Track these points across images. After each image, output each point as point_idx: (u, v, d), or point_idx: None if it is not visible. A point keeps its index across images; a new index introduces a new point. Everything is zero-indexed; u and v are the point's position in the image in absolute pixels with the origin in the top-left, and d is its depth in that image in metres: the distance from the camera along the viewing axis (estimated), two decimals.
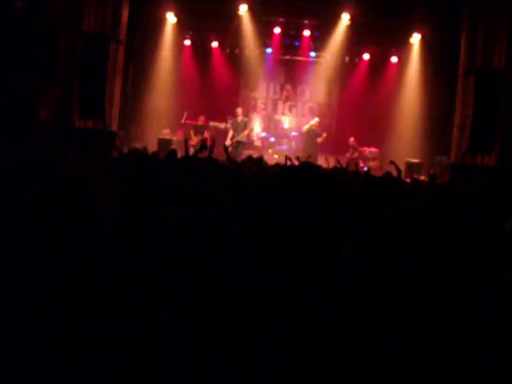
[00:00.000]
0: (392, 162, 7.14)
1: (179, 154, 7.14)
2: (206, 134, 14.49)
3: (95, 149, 9.59)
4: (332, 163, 8.64)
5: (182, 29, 15.57)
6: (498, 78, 10.95)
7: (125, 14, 12.34)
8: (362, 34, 14.81)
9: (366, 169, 13.56)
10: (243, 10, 14.70)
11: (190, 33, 15.90)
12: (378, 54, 15.72)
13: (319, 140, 14.09)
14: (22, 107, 9.30)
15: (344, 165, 7.69)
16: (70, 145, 9.89)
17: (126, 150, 9.93)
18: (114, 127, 12.69)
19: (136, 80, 14.24)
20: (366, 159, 14.89)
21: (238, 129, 13.70)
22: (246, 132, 13.78)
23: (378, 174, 7.60)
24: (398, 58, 15.52)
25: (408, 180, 8.11)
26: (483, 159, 11.20)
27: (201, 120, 14.72)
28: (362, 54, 15.75)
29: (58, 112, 11.03)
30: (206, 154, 5.77)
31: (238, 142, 13.57)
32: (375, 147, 15.13)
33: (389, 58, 15.66)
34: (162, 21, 14.97)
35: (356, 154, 14.76)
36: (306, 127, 14.41)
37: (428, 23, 13.79)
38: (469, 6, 11.55)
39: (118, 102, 12.88)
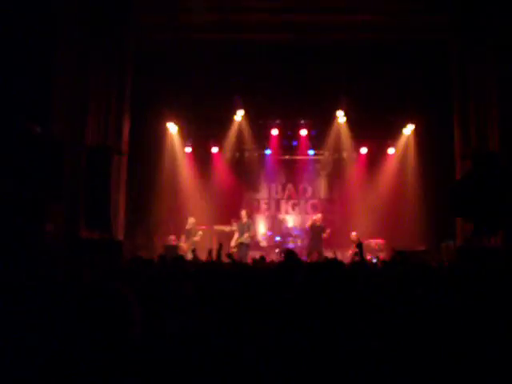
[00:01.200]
0: (394, 250, 7.12)
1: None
2: (197, 238, 14.47)
3: (102, 259, 9.65)
4: (339, 256, 8.61)
5: (182, 137, 16.04)
6: (495, 160, 11.13)
7: (126, 125, 12.73)
8: (357, 129, 15.26)
9: (374, 260, 13.50)
10: (240, 115, 15.22)
11: (191, 140, 16.31)
12: (375, 147, 16.05)
13: (324, 236, 14.18)
14: (28, 222, 9.43)
15: (350, 259, 7.77)
16: (77, 257, 9.95)
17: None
18: (120, 236, 12.77)
19: (140, 189, 14.50)
20: (372, 251, 14.84)
21: (242, 231, 13.82)
22: (248, 234, 13.86)
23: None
24: (395, 149, 15.84)
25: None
26: (489, 240, 11.18)
27: (190, 223, 14.72)
28: (359, 148, 16.09)
29: (64, 225, 11.17)
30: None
31: (242, 244, 13.64)
32: (381, 238, 15.13)
33: (386, 150, 15.99)
34: (163, 130, 15.48)
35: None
36: (309, 223, 14.61)
37: (419, 112, 14.22)
38: (457, 92, 11.92)
39: (123, 212, 13.03)
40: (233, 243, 13.72)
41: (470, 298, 2.65)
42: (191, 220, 14.62)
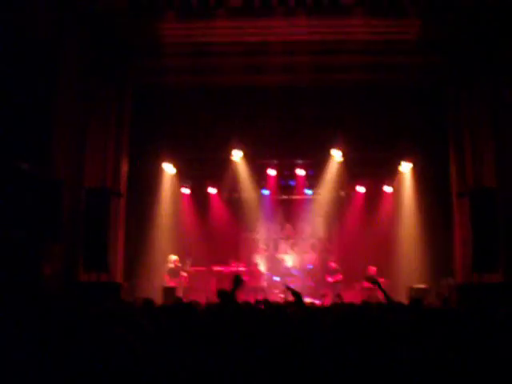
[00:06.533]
0: (386, 297, 6.23)
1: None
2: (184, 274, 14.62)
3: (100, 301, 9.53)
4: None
5: (180, 178, 16.08)
6: (492, 196, 11.18)
7: (124, 167, 12.79)
8: (353, 168, 15.31)
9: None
10: (238, 156, 15.27)
11: (188, 181, 16.36)
12: (372, 186, 16.11)
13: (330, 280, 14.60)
14: (26, 263, 9.36)
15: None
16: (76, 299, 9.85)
17: (131, 300, 9.91)
18: (119, 278, 12.68)
19: (138, 230, 14.44)
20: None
21: None
22: None
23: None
24: (392, 187, 15.90)
25: None
26: (490, 277, 11.14)
27: (170, 261, 14.57)
28: (356, 186, 16.15)
29: (62, 267, 11.08)
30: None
31: None
32: (380, 277, 15.04)
33: (382, 188, 16.04)
34: (160, 172, 15.48)
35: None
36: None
37: (415, 151, 14.30)
38: (453, 130, 12.05)
39: (122, 253, 12.97)
40: None
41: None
42: (171, 258, 14.51)
